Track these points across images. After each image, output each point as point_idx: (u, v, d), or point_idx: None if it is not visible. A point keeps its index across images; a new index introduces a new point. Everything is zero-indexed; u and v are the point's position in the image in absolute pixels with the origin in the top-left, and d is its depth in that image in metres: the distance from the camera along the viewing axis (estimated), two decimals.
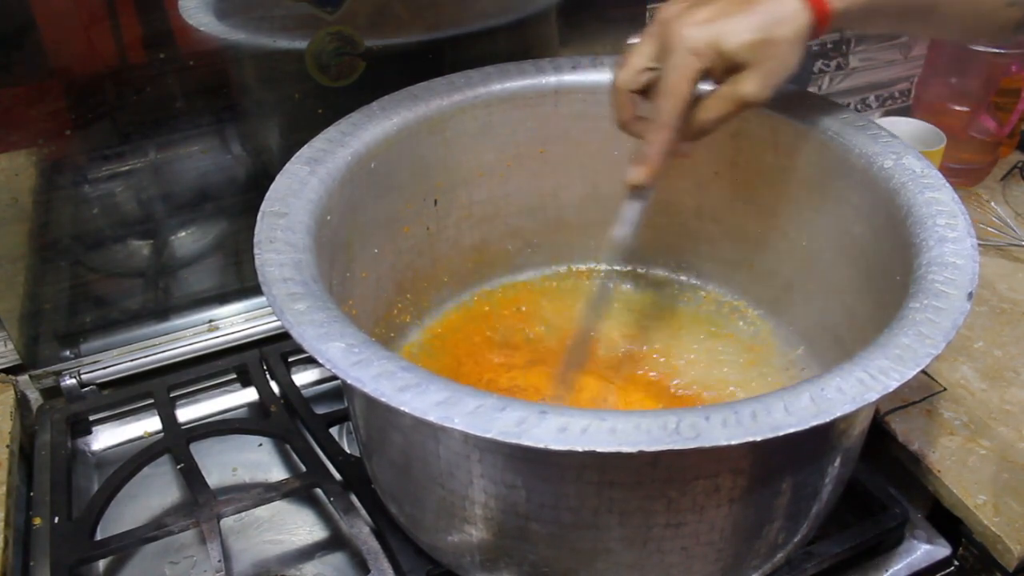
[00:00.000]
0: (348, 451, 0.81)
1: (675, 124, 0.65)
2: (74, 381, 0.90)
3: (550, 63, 0.85)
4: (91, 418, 0.90)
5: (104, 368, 0.92)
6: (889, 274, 0.68)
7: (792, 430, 0.48)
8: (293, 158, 0.72)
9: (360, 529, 0.73)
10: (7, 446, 0.82)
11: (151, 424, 0.90)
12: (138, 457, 0.81)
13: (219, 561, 0.70)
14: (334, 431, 0.84)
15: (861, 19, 0.65)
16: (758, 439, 0.47)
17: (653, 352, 0.86)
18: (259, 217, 0.65)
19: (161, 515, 0.82)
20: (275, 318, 0.89)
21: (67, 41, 0.78)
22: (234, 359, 0.94)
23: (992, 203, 1.10)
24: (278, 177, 0.69)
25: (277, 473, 0.86)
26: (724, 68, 0.63)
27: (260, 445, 0.88)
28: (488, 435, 0.48)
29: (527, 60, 0.85)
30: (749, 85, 0.62)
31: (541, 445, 0.47)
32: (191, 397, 0.94)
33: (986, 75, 1.09)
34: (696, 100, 0.65)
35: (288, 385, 0.89)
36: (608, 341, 0.87)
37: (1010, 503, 0.74)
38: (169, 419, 0.85)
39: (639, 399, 0.81)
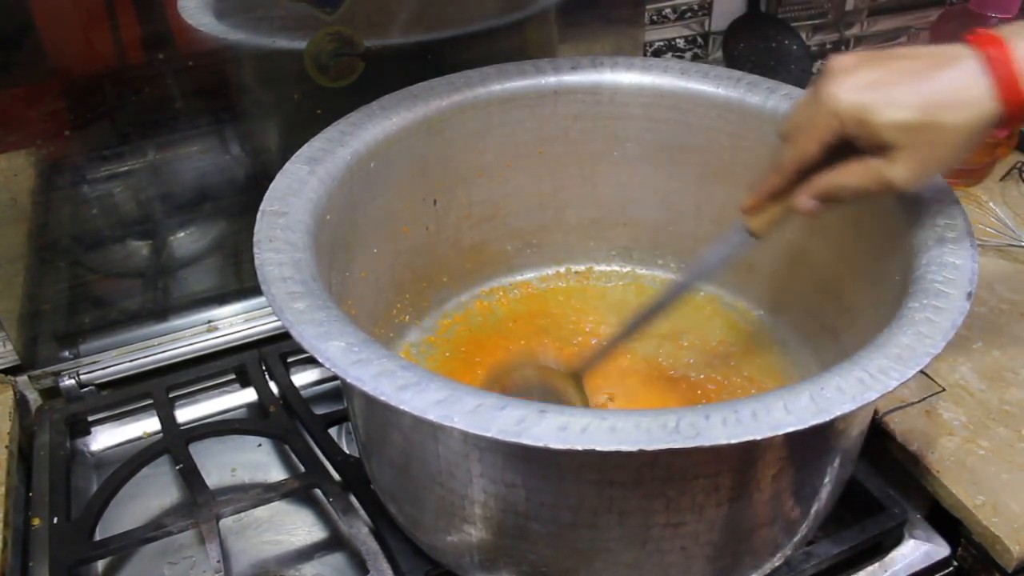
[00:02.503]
0: (347, 451, 0.81)
1: (789, 174, 0.61)
2: (73, 382, 0.90)
3: (549, 63, 0.85)
4: (90, 418, 0.90)
5: (103, 368, 0.92)
6: (888, 274, 0.68)
7: (792, 429, 0.48)
8: (293, 157, 0.72)
9: (359, 529, 0.73)
10: (6, 447, 0.82)
11: (150, 424, 0.90)
12: (137, 458, 0.81)
13: (218, 562, 0.70)
14: (333, 431, 0.84)
15: None
16: (758, 438, 0.47)
17: (652, 352, 0.86)
18: (259, 216, 0.65)
19: (160, 516, 0.82)
20: (274, 318, 0.90)
21: (66, 41, 0.78)
22: (233, 359, 0.93)
23: (991, 204, 1.11)
24: (278, 176, 0.69)
25: (276, 473, 0.86)
26: (871, 144, 0.56)
27: (259, 445, 0.88)
28: (488, 434, 0.48)
29: (526, 60, 0.85)
30: (897, 170, 0.56)
31: (541, 444, 0.47)
32: (190, 397, 0.93)
33: None
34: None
35: (287, 386, 0.89)
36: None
37: (1009, 503, 0.74)
38: (168, 419, 0.85)
39: (639, 398, 0.81)
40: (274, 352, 0.93)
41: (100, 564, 0.78)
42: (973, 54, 0.54)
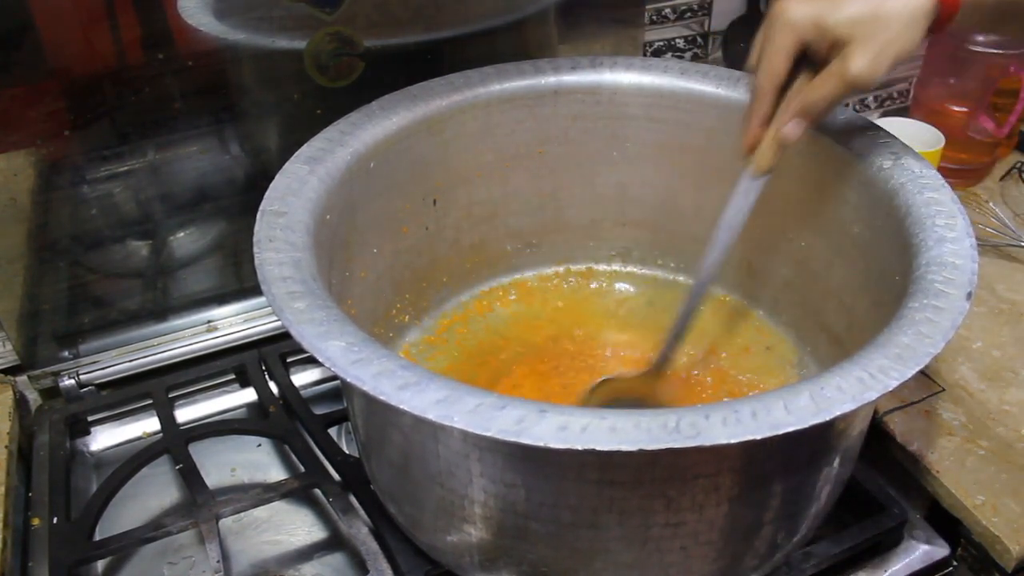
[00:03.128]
0: (347, 451, 0.81)
1: (768, 96, 0.65)
2: (73, 382, 0.90)
3: (549, 63, 0.85)
4: (90, 419, 0.90)
5: (103, 368, 0.92)
6: (888, 274, 0.68)
7: (792, 429, 0.48)
8: (292, 157, 0.72)
9: (359, 529, 0.73)
10: (6, 447, 0.82)
11: (150, 424, 0.90)
12: (137, 458, 0.81)
13: (218, 562, 0.70)
14: (333, 431, 0.84)
15: (994, 15, 0.62)
16: (758, 438, 0.47)
17: (652, 352, 0.85)
18: (258, 216, 0.65)
19: (160, 516, 0.82)
20: (274, 318, 0.90)
21: (66, 41, 0.78)
22: (233, 360, 0.93)
23: (991, 203, 1.11)
24: (277, 176, 0.69)
25: (276, 473, 0.86)
26: (828, 44, 0.61)
27: (259, 445, 0.88)
28: (488, 433, 0.48)
29: (526, 60, 0.85)
30: (855, 61, 0.60)
31: (541, 443, 0.47)
32: (190, 397, 0.94)
33: (984, 76, 1.09)
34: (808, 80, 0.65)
35: (287, 386, 0.89)
36: (607, 342, 0.87)
37: (1009, 503, 0.74)
38: (168, 419, 0.85)
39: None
40: (274, 352, 0.93)
41: (100, 564, 0.78)
42: None
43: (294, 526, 0.81)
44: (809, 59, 0.64)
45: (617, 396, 0.77)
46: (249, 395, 0.94)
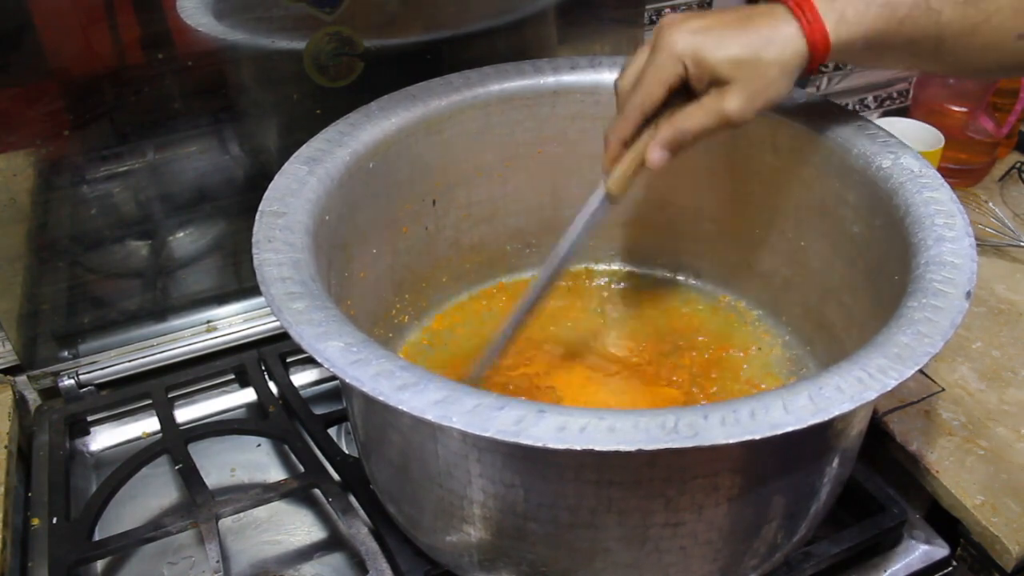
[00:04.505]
0: (346, 451, 0.81)
1: (636, 118, 0.66)
2: (72, 382, 0.90)
3: (548, 64, 0.85)
4: (89, 419, 0.90)
5: (102, 369, 0.92)
6: (887, 273, 0.68)
7: (791, 429, 0.48)
8: (292, 158, 0.72)
9: (358, 529, 0.73)
10: (5, 447, 0.82)
11: (149, 424, 0.90)
12: (136, 458, 0.81)
13: (217, 562, 0.70)
14: (332, 431, 0.84)
15: (866, 54, 0.64)
16: (757, 438, 0.47)
17: (652, 352, 0.86)
18: (257, 216, 0.65)
19: (159, 516, 0.82)
20: (273, 318, 0.90)
21: (65, 41, 0.78)
22: (232, 360, 0.94)
23: (990, 203, 1.11)
24: (277, 177, 0.69)
25: (275, 473, 0.86)
26: (707, 80, 0.63)
27: (258, 446, 0.88)
28: (486, 434, 0.48)
29: (525, 61, 0.85)
30: (731, 101, 0.62)
31: (539, 444, 0.47)
32: (189, 398, 0.94)
33: None
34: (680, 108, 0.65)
35: (286, 386, 0.89)
36: (607, 341, 0.87)
37: (1008, 503, 0.74)
38: (167, 419, 0.85)
39: (638, 398, 0.81)
40: (273, 352, 0.93)
41: (99, 564, 0.78)
42: (783, 6, 0.62)
43: (294, 526, 0.81)
44: (683, 89, 0.64)
45: None
46: (249, 395, 0.94)
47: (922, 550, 0.76)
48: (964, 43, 0.63)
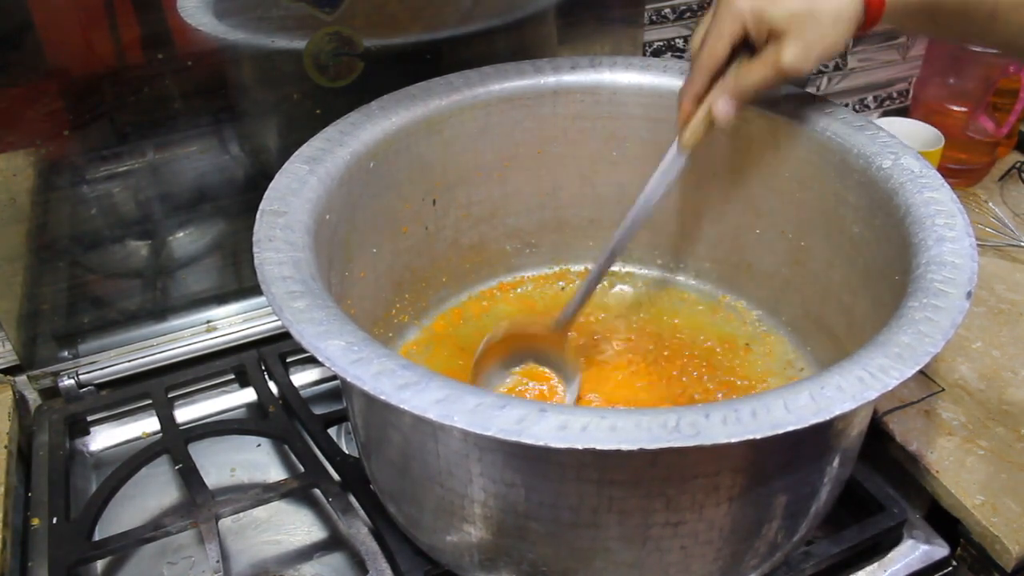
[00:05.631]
0: (346, 451, 0.81)
1: (704, 74, 0.70)
2: (72, 382, 0.90)
3: (548, 64, 0.85)
4: (89, 419, 0.90)
5: (102, 369, 0.92)
6: (887, 273, 0.68)
7: (792, 428, 0.48)
8: (292, 157, 0.72)
9: (358, 529, 0.73)
10: (5, 447, 0.82)
11: (149, 424, 0.90)
12: (136, 458, 0.81)
13: (217, 562, 0.70)
14: (332, 431, 0.84)
15: (919, 18, 0.67)
16: (758, 437, 0.47)
17: (652, 352, 0.86)
18: (258, 216, 0.65)
19: (159, 516, 0.82)
20: (273, 318, 0.90)
21: (65, 41, 0.78)
22: (232, 360, 0.93)
23: (990, 203, 1.11)
24: (277, 176, 0.69)
25: (275, 473, 0.86)
26: (765, 34, 0.67)
27: (258, 445, 0.88)
28: (488, 433, 0.48)
29: (525, 60, 0.86)
30: (787, 53, 0.66)
31: (541, 443, 0.47)
32: (189, 398, 0.94)
33: (984, 75, 1.09)
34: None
35: (286, 385, 0.89)
36: (607, 341, 0.87)
37: (1008, 503, 0.74)
38: (167, 419, 0.85)
39: (638, 398, 0.81)
40: (273, 352, 0.92)
41: (99, 564, 0.78)
42: None
43: (294, 526, 0.81)
44: (747, 46, 0.69)
45: (518, 349, 0.82)
46: (248, 395, 0.94)
47: (922, 550, 0.76)
48: (1017, 17, 0.64)
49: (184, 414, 0.92)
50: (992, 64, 1.08)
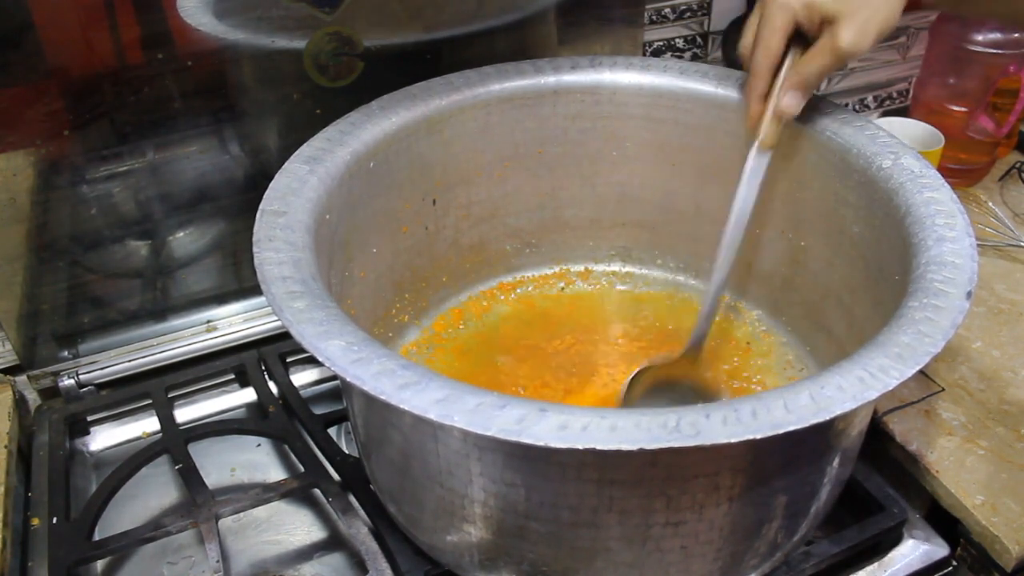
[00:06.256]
0: (347, 451, 0.81)
1: (765, 71, 0.70)
2: (72, 381, 0.90)
3: (549, 63, 0.85)
4: (89, 418, 0.90)
5: (102, 368, 0.92)
6: (887, 273, 0.68)
7: (792, 428, 0.48)
8: (292, 157, 0.72)
9: (358, 529, 0.73)
10: (5, 446, 0.82)
11: (149, 424, 0.90)
12: (136, 457, 0.81)
13: (217, 562, 0.70)
14: (332, 431, 0.84)
15: None
16: (758, 437, 0.47)
17: (652, 352, 0.86)
18: (258, 215, 0.65)
19: (159, 515, 0.82)
20: (273, 318, 0.90)
21: (65, 41, 0.78)
22: (232, 359, 0.93)
23: (990, 203, 1.11)
24: (277, 176, 0.69)
25: (275, 473, 0.86)
26: (818, 22, 0.66)
27: (258, 445, 0.88)
28: (488, 433, 0.48)
29: (526, 60, 0.86)
30: (844, 36, 0.65)
31: (541, 443, 0.47)
32: (189, 397, 0.94)
33: (984, 75, 1.09)
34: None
35: (286, 385, 0.89)
36: (607, 341, 0.87)
37: (1008, 503, 0.74)
38: (167, 419, 0.85)
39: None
40: (273, 352, 0.92)
41: (99, 564, 0.78)
42: None
43: (294, 526, 0.81)
44: (800, 36, 0.69)
45: (656, 383, 0.79)
46: (249, 395, 0.94)
47: (922, 550, 0.76)
48: None
49: (184, 414, 0.92)
50: (992, 64, 1.08)
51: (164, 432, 0.84)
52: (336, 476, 0.79)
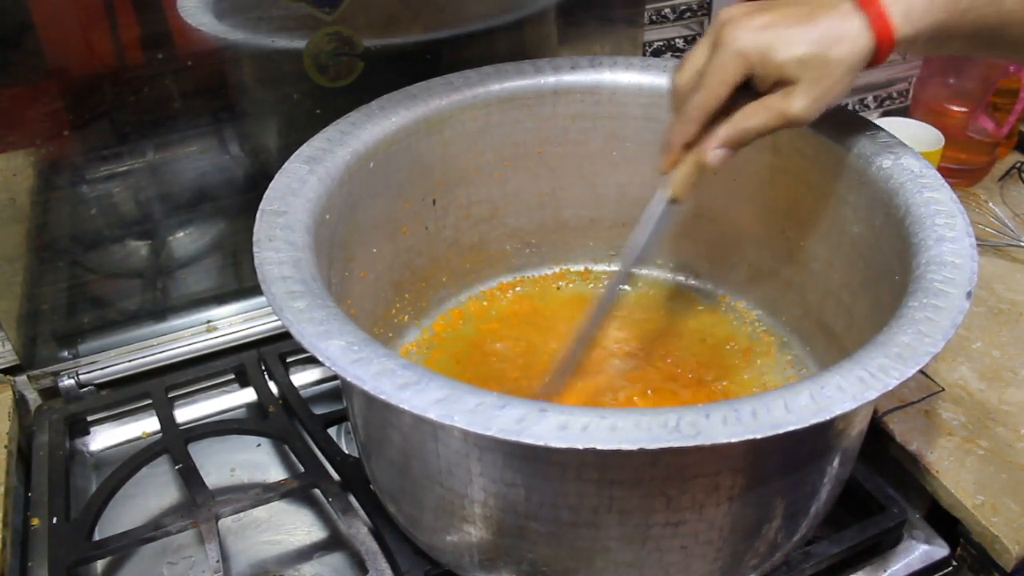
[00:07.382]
0: (346, 451, 0.81)
1: (700, 119, 0.64)
2: (72, 382, 0.90)
3: (549, 63, 0.85)
4: (89, 418, 0.90)
5: (102, 368, 0.92)
6: (887, 273, 0.68)
7: (792, 428, 0.48)
8: (292, 157, 0.72)
9: (358, 529, 0.73)
10: (5, 446, 0.82)
11: (149, 424, 0.90)
12: (136, 457, 0.81)
13: (217, 562, 0.70)
14: (332, 431, 0.84)
15: (927, 45, 0.62)
16: (758, 437, 0.47)
17: (652, 352, 0.86)
18: (258, 215, 0.65)
19: (159, 516, 0.82)
20: (273, 318, 0.90)
21: (65, 41, 0.78)
22: (232, 359, 0.93)
23: (990, 203, 1.11)
24: (277, 176, 0.69)
25: (275, 473, 0.86)
26: (772, 79, 0.61)
27: (258, 445, 0.88)
28: (488, 433, 0.48)
29: (526, 60, 0.85)
30: (797, 101, 0.61)
31: (541, 443, 0.47)
32: (189, 397, 0.94)
33: (984, 75, 1.09)
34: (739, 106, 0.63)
35: (286, 385, 0.89)
36: (607, 342, 0.87)
37: (1008, 503, 0.74)
38: (167, 419, 0.85)
39: (638, 398, 0.81)
40: (273, 352, 0.92)
41: (99, 564, 0.78)
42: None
43: (294, 526, 0.81)
44: (746, 86, 0.63)
45: None
46: (248, 395, 0.94)
47: (922, 550, 0.76)
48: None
49: (184, 414, 0.92)
50: (992, 64, 1.08)
51: (164, 432, 0.84)
52: (336, 476, 0.79)
